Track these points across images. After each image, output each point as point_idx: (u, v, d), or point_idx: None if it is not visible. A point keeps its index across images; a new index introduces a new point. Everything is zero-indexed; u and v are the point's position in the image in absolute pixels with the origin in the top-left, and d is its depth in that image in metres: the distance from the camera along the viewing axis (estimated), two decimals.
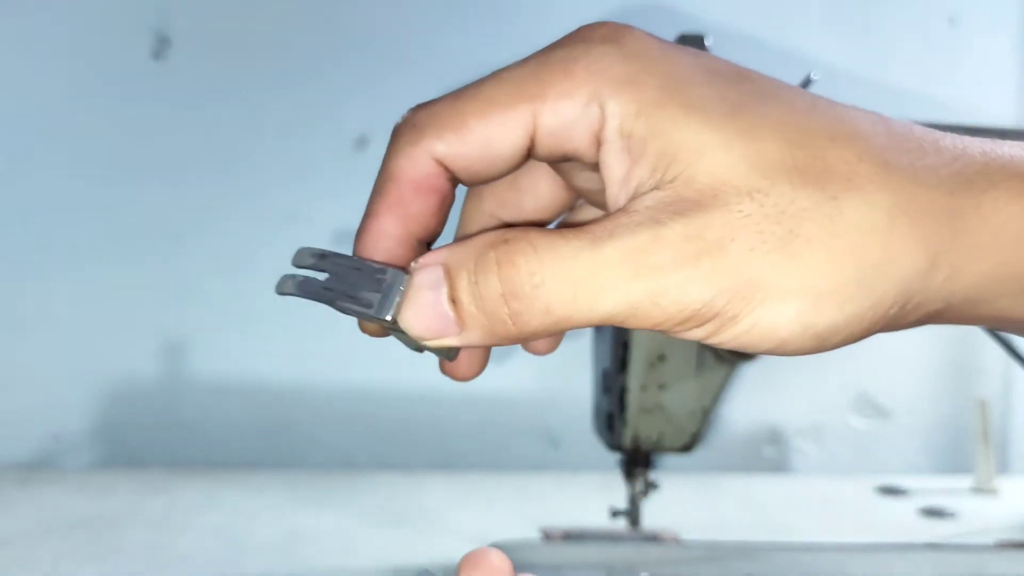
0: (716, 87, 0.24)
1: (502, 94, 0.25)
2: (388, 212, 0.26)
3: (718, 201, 0.23)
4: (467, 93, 0.26)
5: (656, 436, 0.52)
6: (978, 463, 0.86)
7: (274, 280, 0.28)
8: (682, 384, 0.51)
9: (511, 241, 0.24)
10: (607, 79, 0.24)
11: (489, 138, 0.25)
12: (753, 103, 0.24)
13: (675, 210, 0.23)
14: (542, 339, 0.29)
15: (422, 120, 0.26)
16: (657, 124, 0.24)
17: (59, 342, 0.96)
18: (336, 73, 0.97)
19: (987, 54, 1.03)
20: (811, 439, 1.03)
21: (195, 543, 0.65)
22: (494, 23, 0.98)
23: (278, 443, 0.98)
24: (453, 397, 0.99)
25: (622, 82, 0.24)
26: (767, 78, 0.25)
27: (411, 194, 0.26)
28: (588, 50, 0.25)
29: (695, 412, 0.52)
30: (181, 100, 0.96)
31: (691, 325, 0.24)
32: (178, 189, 0.97)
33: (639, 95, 0.24)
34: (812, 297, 0.23)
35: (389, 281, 0.25)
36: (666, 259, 0.23)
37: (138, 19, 0.96)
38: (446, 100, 0.26)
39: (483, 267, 0.24)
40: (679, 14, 0.99)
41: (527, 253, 0.23)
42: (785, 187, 0.23)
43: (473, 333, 0.25)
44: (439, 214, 0.27)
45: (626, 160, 0.24)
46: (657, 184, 0.23)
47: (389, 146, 0.27)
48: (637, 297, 0.23)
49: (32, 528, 0.67)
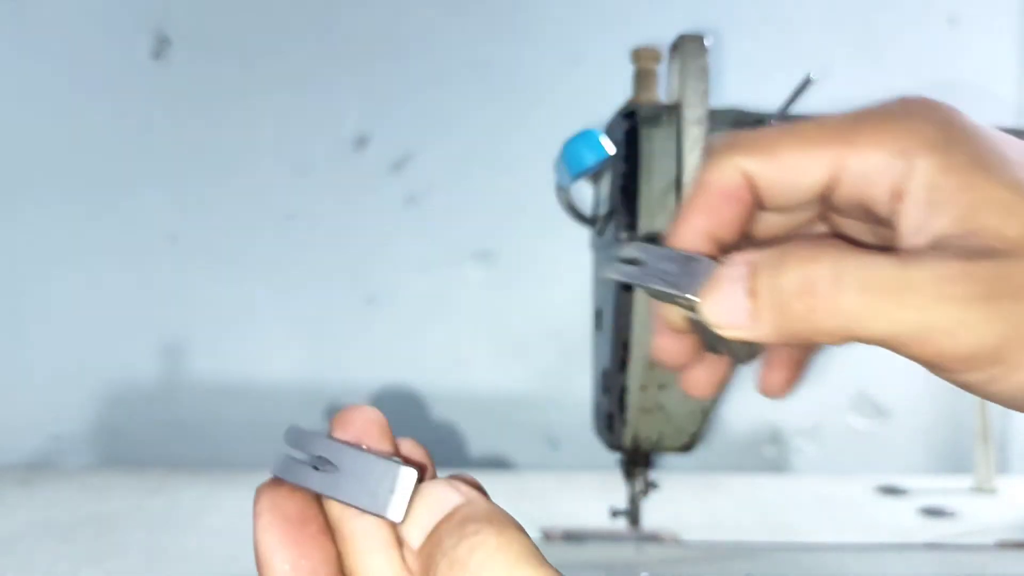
0: (1019, 157, 0.26)
1: (815, 133, 0.28)
2: (699, 213, 0.29)
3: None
4: (785, 127, 0.29)
5: (656, 436, 0.52)
6: (978, 463, 0.86)
7: (274, 279, 0.29)
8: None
9: (820, 244, 0.26)
10: (918, 139, 0.26)
11: (795, 166, 0.28)
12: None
13: (984, 254, 0.24)
14: (794, 368, 0.33)
15: (738, 140, 0.29)
16: (967, 180, 0.25)
17: (59, 343, 0.97)
18: (335, 74, 0.97)
19: (986, 53, 1.03)
20: (811, 439, 1.03)
21: (195, 543, 0.65)
22: (491, 26, 0.98)
23: (278, 443, 0.98)
24: (454, 397, 0.99)
25: (932, 143, 0.26)
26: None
27: (719, 200, 0.29)
28: (902, 113, 0.27)
29: (695, 412, 0.52)
30: (181, 100, 0.97)
31: (972, 366, 0.24)
32: (177, 188, 0.97)
33: (948, 155, 0.26)
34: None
35: (698, 268, 0.28)
36: (971, 292, 0.24)
37: (138, 20, 0.97)
38: (764, 130, 0.29)
39: (787, 263, 0.26)
40: (677, 14, 0.99)
41: (833, 254, 0.25)
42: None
43: (764, 326, 0.26)
44: (742, 223, 0.29)
45: (927, 211, 0.25)
46: (963, 234, 0.25)
47: (706, 158, 0.29)
48: (933, 321, 0.24)
49: (32, 528, 0.67)
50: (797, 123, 0.28)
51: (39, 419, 0.97)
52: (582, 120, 0.98)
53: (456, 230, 0.99)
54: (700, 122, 0.46)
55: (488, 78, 0.98)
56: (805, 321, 0.25)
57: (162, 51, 0.97)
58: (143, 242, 0.97)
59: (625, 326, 0.49)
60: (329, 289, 0.98)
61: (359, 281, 0.98)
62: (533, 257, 0.99)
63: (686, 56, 0.46)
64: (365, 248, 0.98)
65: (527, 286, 0.99)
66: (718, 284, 0.27)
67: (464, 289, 0.99)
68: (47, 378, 0.97)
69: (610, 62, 0.98)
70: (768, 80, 0.99)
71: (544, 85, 0.98)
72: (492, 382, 0.99)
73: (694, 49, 0.46)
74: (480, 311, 0.99)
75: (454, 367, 0.99)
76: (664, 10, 0.99)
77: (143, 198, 0.97)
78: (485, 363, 0.99)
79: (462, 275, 0.99)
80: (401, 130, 0.98)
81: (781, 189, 0.28)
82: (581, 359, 0.98)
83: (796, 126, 0.28)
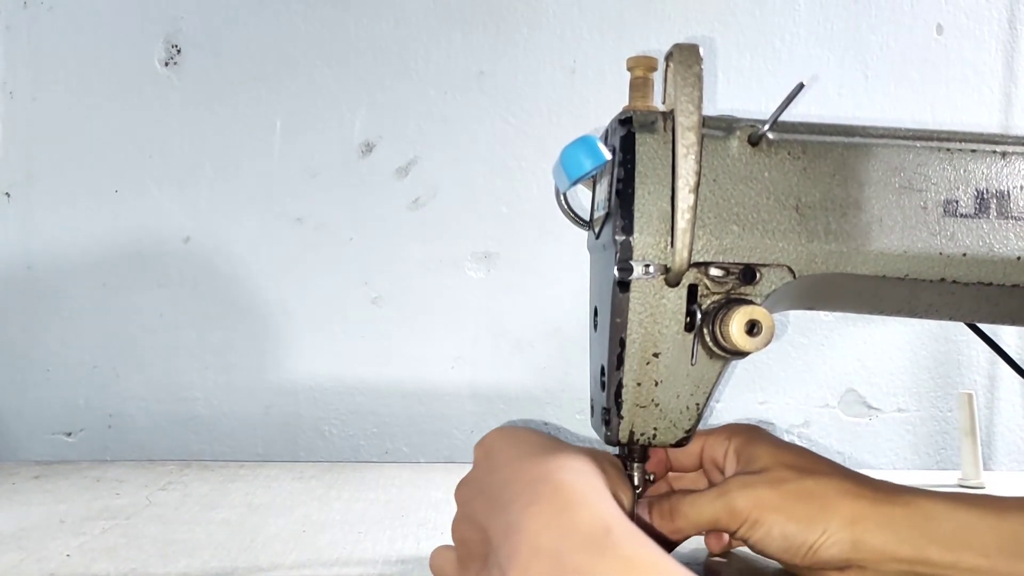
0: (781, 441, 0.57)
1: (698, 440, 0.59)
2: (655, 461, 0.62)
3: (772, 474, 0.53)
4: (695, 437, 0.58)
5: (651, 431, 0.52)
6: (964, 459, 0.87)
7: (281, 283, 0.30)
8: (676, 380, 0.52)
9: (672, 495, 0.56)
10: (736, 433, 0.58)
11: (688, 453, 0.60)
12: (785, 454, 0.55)
13: (752, 472, 0.54)
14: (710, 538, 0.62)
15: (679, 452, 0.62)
16: (750, 449, 0.56)
17: (71, 340, 0.98)
18: (343, 82, 0.99)
19: (973, 61, 1.04)
20: (800, 435, 1.04)
21: (206, 535, 0.66)
22: (493, 37, 1.00)
23: (287, 438, 0.99)
24: (457, 394, 1.00)
25: (741, 434, 0.58)
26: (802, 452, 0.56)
27: (657, 464, 0.61)
28: (732, 426, 0.59)
29: (689, 407, 0.53)
30: (191, 106, 0.98)
31: (739, 522, 0.53)
32: (187, 194, 0.98)
33: (746, 437, 0.57)
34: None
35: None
36: (742, 484, 0.53)
37: (149, 27, 0.97)
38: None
39: (657, 503, 0.56)
40: (673, 25, 1.00)
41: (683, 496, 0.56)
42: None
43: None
44: (666, 469, 0.63)
45: (737, 462, 0.56)
46: (746, 470, 0.55)
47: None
48: (733, 502, 0.53)
49: (46, 522, 0.68)
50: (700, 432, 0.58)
51: (53, 415, 0.98)
52: (580, 127, 1.00)
53: (459, 232, 1.00)
54: (694, 128, 0.47)
55: (490, 87, 1.00)
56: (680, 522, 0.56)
57: (172, 58, 0.98)
58: (152, 245, 0.98)
59: (621, 324, 0.50)
60: (336, 289, 0.99)
61: (365, 281, 1.00)
62: (533, 258, 1.00)
63: (681, 64, 0.47)
64: (371, 250, 0.99)
65: (527, 286, 1.00)
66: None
67: (466, 289, 1.00)
68: (60, 374, 0.98)
69: (607, 71, 1.00)
70: (760, 88, 1.01)
71: (543, 93, 1.00)
72: (492, 378, 1.00)
73: (689, 57, 0.47)
74: (481, 310, 1.00)
75: (456, 364, 1.00)
76: (659, 21, 1.00)
77: (153, 203, 0.98)
78: (486, 360, 1.00)
79: (464, 275, 1.00)
80: (407, 136, 0.99)
81: (682, 461, 0.61)
82: (579, 356, 1.00)
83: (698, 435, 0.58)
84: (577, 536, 0.37)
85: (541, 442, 0.48)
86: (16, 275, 0.97)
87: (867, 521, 0.50)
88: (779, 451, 0.54)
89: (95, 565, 0.58)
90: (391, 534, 0.67)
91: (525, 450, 0.46)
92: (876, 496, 0.51)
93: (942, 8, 1.04)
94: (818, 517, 0.50)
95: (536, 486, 0.41)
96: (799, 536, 0.50)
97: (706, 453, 0.59)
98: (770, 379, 1.03)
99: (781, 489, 0.51)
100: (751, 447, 0.56)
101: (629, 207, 0.49)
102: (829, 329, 1.04)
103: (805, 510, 0.50)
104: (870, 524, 0.50)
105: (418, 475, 0.87)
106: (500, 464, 0.46)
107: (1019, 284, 0.51)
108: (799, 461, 0.53)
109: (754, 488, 0.52)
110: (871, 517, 0.50)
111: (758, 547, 0.53)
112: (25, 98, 0.97)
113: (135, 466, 0.89)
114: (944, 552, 0.48)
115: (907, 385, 1.05)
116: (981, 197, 0.51)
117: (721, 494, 0.53)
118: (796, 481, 0.52)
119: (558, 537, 0.37)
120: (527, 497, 0.40)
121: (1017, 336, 1.05)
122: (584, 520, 0.38)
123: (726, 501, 0.52)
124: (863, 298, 0.54)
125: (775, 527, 0.51)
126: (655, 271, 0.49)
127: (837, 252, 0.50)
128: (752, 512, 0.51)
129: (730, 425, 0.59)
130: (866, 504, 0.50)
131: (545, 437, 0.50)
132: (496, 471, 0.45)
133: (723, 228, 0.50)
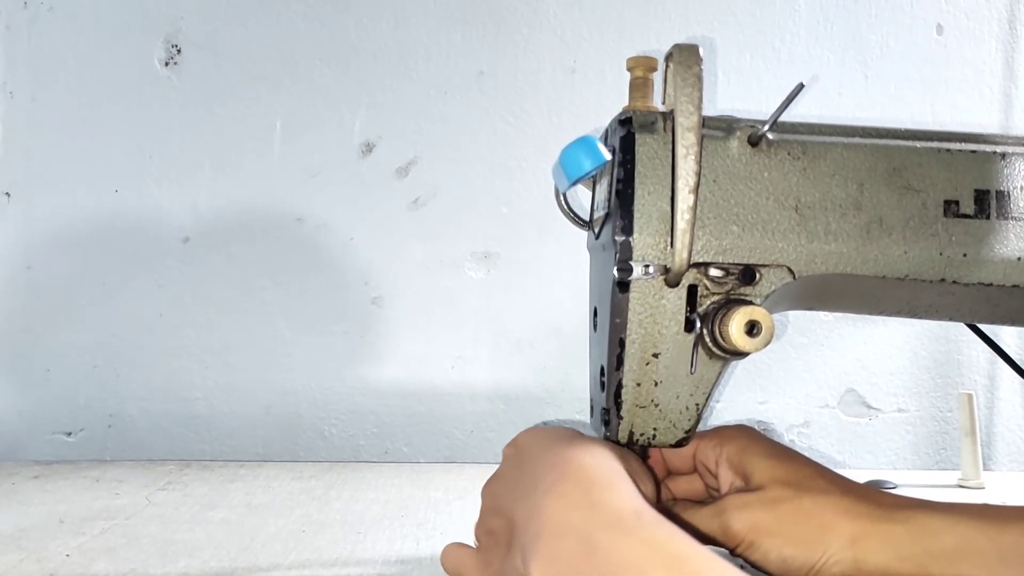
0: (774, 449, 0.55)
1: (691, 445, 0.56)
2: (656, 464, 0.61)
3: (768, 493, 0.51)
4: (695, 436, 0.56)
5: (651, 432, 0.52)
6: (964, 459, 0.87)
7: (281, 283, 0.30)
8: (676, 380, 0.52)
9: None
10: (728, 440, 0.55)
11: (681, 455, 0.58)
12: (779, 467, 0.53)
13: (747, 490, 0.53)
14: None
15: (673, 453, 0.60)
16: (743, 460, 0.54)
17: (72, 340, 0.98)
18: (343, 83, 0.99)
19: (973, 61, 1.04)
20: (801, 435, 1.04)
21: (206, 535, 0.66)
22: (492, 37, 1.00)
23: (287, 438, 0.99)
24: (457, 394, 1.00)
25: (732, 441, 0.55)
26: (803, 461, 0.55)
27: (657, 465, 0.60)
28: (722, 430, 0.57)
29: (689, 408, 0.52)
30: (191, 106, 0.98)
31: (741, 540, 0.51)
32: (187, 194, 0.98)
33: (738, 446, 0.55)
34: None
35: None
36: (739, 504, 0.52)
37: (149, 27, 0.98)
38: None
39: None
40: (672, 25, 1.00)
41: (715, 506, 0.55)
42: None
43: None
44: (664, 470, 0.61)
45: (731, 472, 0.54)
46: (741, 483, 0.54)
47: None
48: (728, 521, 0.52)
49: (46, 522, 0.68)
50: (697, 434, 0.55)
51: (53, 415, 0.98)
52: (580, 127, 1.00)
53: (459, 232, 1.00)
54: (694, 129, 0.47)
55: (490, 87, 1.00)
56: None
57: (172, 58, 0.98)
58: (153, 245, 0.98)
59: (621, 325, 0.50)
60: (336, 289, 0.99)
61: (365, 281, 1.00)
62: (532, 258, 1.00)
63: (681, 64, 0.47)
64: (371, 250, 0.99)
65: (527, 286, 1.00)
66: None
67: (466, 289, 1.00)
68: (61, 375, 0.98)
69: (607, 71, 1.00)
70: (760, 88, 1.01)
71: (543, 94, 1.00)
72: (492, 378, 1.00)
73: (689, 58, 0.47)
74: (481, 310, 1.00)
75: (456, 364, 1.00)
76: (659, 21, 1.00)
77: (156, 201, 0.98)
78: (486, 360, 1.00)
79: (464, 275, 1.01)
80: (406, 136, 1.00)
81: (676, 463, 0.59)
82: (579, 356, 1.00)
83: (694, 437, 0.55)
84: (605, 515, 0.37)
85: (568, 434, 0.49)
86: (16, 275, 0.97)
87: (868, 540, 0.49)
88: (774, 464, 0.53)
89: (95, 565, 0.58)
90: (391, 534, 0.67)
91: (551, 442, 0.47)
92: (876, 513, 0.50)
93: (942, 8, 1.04)
94: (818, 539, 0.50)
95: (560, 467, 0.42)
96: (798, 559, 0.50)
97: (698, 458, 0.58)
98: (770, 379, 1.04)
99: (778, 511, 0.51)
100: (744, 458, 0.54)
101: (629, 207, 0.49)
102: (829, 329, 1.04)
103: (804, 533, 0.50)
104: (871, 543, 0.49)
105: (418, 475, 0.87)
106: (527, 457, 0.47)
107: (1019, 284, 0.51)
108: (794, 475, 0.52)
109: (750, 510, 0.51)
110: (872, 536, 0.49)
111: (757, 566, 0.53)
112: (25, 98, 0.98)
113: (135, 466, 0.89)
114: (945, 566, 0.48)
115: (907, 385, 1.05)
116: (981, 197, 0.51)
117: (717, 513, 0.52)
118: (793, 500, 0.51)
119: (585, 516, 0.37)
120: (552, 477, 0.41)
121: (1017, 336, 1.05)
122: (612, 501, 0.38)
123: (722, 522, 0.52)
124: (863, 298, 0.54)
125: (772, 551, 0.50)
126: (655, 271, 0.49)
127: (837, 252, 0.50)
128: (748, 535, 0.51)
129: (720, 429, 0.57)
130: (866, 523, 0.50)
131: (572, 431, 0.50)
132: (523, 464, 0.46)
133: (723, 228, 0.50)
